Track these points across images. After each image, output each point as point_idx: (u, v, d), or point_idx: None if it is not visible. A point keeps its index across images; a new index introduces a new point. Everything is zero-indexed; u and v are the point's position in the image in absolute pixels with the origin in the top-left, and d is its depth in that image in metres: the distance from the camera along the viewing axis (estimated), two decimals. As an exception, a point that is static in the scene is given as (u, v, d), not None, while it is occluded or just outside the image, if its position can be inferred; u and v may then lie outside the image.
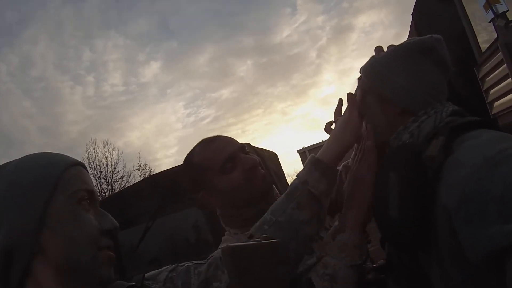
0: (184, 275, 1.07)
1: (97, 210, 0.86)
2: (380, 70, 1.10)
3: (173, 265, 1.12)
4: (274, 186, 1.42)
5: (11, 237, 0.77)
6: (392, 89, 1.07)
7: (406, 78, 1.06)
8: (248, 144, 2.80)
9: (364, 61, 1.18)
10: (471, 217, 0.76)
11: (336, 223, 1.15)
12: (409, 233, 0.90)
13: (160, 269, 1.11)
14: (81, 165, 0.91)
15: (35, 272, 0.78)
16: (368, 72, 1.14)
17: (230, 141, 1.40)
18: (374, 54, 1.18)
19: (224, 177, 1.32)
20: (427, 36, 1.09)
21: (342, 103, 1.25)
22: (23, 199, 0.79)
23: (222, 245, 1.32)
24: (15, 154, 31.78)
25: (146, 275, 1.06)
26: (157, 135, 35.68)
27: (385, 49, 1.16)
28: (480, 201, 0.75)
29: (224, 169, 1.32)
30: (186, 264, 1.10)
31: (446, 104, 1.06)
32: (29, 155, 0.90)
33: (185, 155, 1.47)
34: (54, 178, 0.82)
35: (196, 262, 1.11)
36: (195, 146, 1.44)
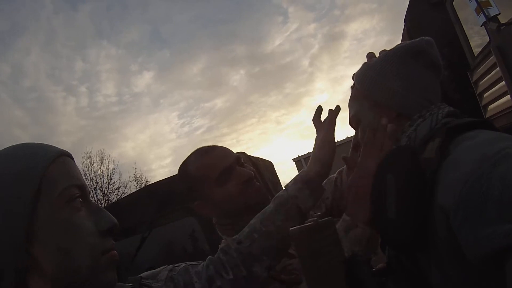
0: (184, 274, 1.08)
1: (90, 207, 0.76)
2: (373, 76, 1.10)
3: (170, 265, 1.13)
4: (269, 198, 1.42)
5: None
6: (386, 94, 1.07)
7: (398, 83, 1.06)
8: (244, 153, 2.78)
9: (356, 68, 1.19)
10: (470, 217, 0.76)
11: (347, 218, 1.15)
12: (408, 234, 0.89)
13: (158, 269, 1.12)
14: (66, 155, 0.79)
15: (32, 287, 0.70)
16: (361, 79, 1.14)
17: (226, 152, 1.42)
18: (366, 60, 1.18)
19: (220, 188, 1.34)
20: (418, 39, 1.09)
21: (321, 110, 1.24)
22: (3, 210, 0.68)
23: None
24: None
25: (143, 274, 1.08)
26: (151, 146, 35.55)
27: (377, 55, 1.16)
28: (479, 200, 0.75)
29: (220, 181, 1.34)
30: (182, 265, 1.12)
31: (441, 105, 1.06)
32: (6, 150, 0.77)
33: (180, 165, 1.47)
34: (36, 179, 0.70)
35: (190, 263, 1.13)
36: (191, 155, 1.45)
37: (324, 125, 1.20)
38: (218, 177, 1.34)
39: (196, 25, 37.64)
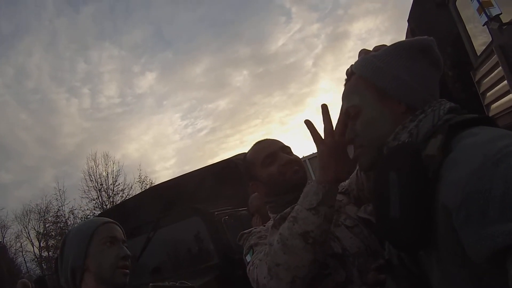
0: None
1: (117, 245, 1.53)
2: (382, 67, 1.07)
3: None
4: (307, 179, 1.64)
5: (73, 263, 1.49)
6: (395, 84, 1.05)
7: (409, 76, 1.05)
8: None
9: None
10: (472, 217, 0.75)
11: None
12: (411, 233, 0.88)
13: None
14: (110, 222, 1.61)
15: (86, 279, 1.49)
16: (366, 68, 1.11)
17: (273, 142, 1.71)
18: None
19: (264, 170, 1.60)
20: (423, 37, 1.08)
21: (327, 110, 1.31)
22: (78, 244, 1.51)
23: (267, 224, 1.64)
24: (13, 166, 31.87)
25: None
26: (155, 147, 35.47)
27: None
28: (481, 200, 0.74)
29: (265, 163, 1.61)
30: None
31: (442, 101, 1.05)
32: (83, 221, 1.58)
33: (184, 166, 1.78)
34: (91, 233, 1.52)
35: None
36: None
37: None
38: (263, 160, 1.61)
39: (199, 26, 37.50)
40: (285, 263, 1.24)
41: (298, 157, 1.67)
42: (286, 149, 1.67)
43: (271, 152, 1.62)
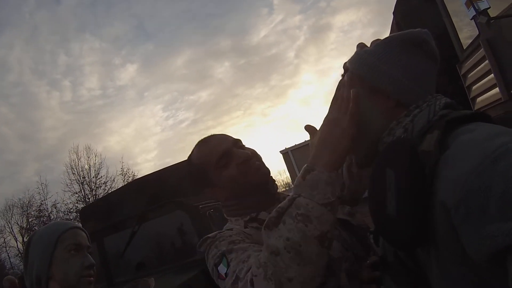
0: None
1: (82, 253, 1.56)
2: (374, 62, 1.06)
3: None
4: (271, 176, 1.47)
5: (38, 270, 1.52)
6: (387, 81, 1.04)
7: (401, 70, 1.03)
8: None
9: (343, 60, 1.15)
10: (472, 214, 0.74)
11: (305, 165, 1.09)
12: (408, 230, 0.87)
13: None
14: (75, 227, 1.62)
15: (51, 287, 1.51)
16: (359, 64, 1.10)
17: (223, 138, 1.48)
18: (356, 51, 1.14)
19: (221, 172, 1.40)
20: (417, 29, 1.07)
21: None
22: (42, 250, 1.53)
23: (225, 229, 1.40)
24: (-5, 162, 31.42)
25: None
26: (136, 139, 35.43)
27: (368, 45, 1.14)
28: (481, 198, 0.73)
29: (220, 165, 1.40)
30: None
31: (437, 96, 1.03)
32: (48, 224, 1.69)
33: (165, 159, 1.63)
34: (55, 239, 1.54)
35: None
36: (194, 147, 1.53)
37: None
38: (217, 162, 1.40)
39: (181, 18, 37.46)
40: (300, 275, 1.02)
41: (254, 150, 1.48)
42: (238, 143, 1.47)
43: (224, 150, 1.41)
